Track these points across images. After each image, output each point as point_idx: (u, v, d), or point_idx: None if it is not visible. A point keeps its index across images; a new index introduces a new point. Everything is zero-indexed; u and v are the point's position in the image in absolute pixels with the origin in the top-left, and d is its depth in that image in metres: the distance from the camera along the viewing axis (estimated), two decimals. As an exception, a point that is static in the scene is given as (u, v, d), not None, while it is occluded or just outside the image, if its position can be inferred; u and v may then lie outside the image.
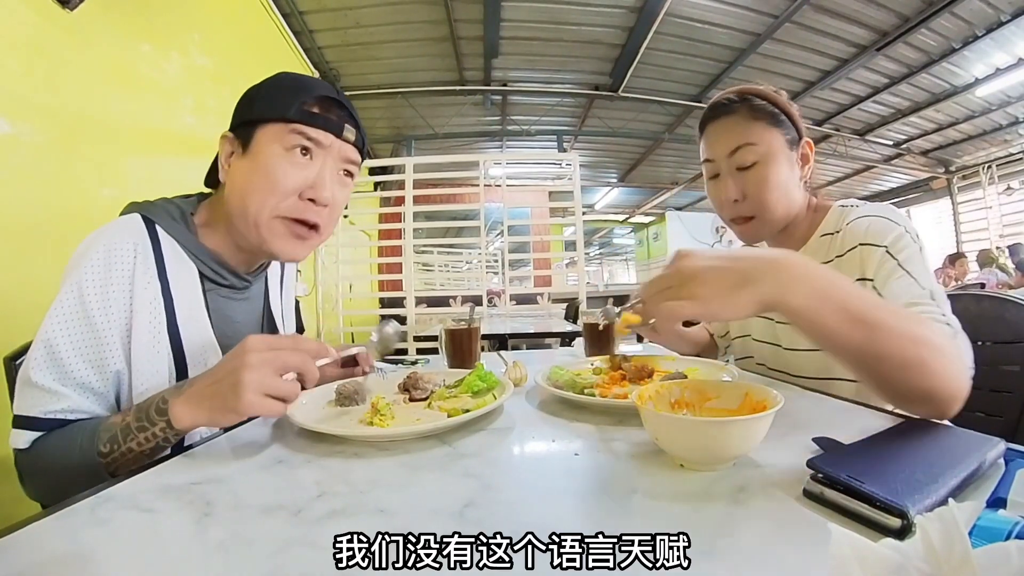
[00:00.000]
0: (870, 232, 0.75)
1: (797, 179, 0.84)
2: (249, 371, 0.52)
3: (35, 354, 0.61)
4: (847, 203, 0.84)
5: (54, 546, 0.36)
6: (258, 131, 0.70)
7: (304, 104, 0.69)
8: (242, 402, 0.52)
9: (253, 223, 0.70)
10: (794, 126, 0.84)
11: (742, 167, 0.82)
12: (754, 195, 0.82)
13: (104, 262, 0.64)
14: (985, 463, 0.39)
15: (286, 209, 0.70)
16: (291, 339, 0.58)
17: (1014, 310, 0.88)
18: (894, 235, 0.72)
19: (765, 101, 0.83)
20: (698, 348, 1.11)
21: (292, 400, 0.56)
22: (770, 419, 0.43)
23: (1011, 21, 4.05)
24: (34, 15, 1.52)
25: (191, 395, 0.55)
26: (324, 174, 0.71)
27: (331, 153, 0.72)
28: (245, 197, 0.70)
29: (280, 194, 0.69)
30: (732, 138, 0.82)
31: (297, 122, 0.69)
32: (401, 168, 3.32)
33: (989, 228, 7.58)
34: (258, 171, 0.69)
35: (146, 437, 0.55)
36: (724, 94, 0.86)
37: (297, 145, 0.69)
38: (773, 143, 0.81)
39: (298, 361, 0.56)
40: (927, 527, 0.23)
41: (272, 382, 0.53)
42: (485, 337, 2.53)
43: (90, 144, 1.72)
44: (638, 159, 7.84)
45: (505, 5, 3.88)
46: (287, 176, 0.69)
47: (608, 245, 15.52)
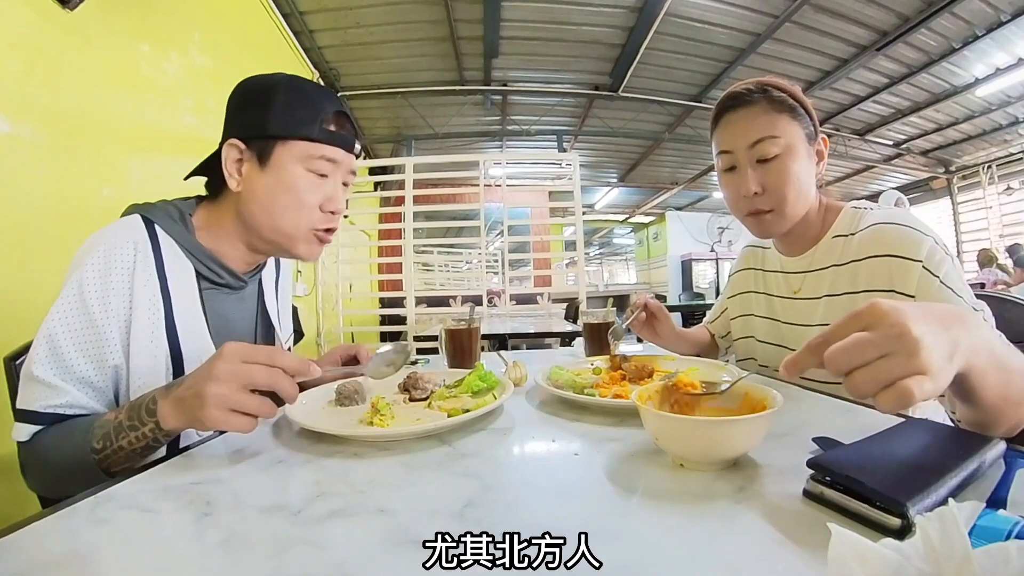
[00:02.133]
0: (901, 244, 0.72)
1: (813, 175, 0.83)
2: (213, 384, 0.50)
3: (37, 349, 0.62)
4: (859, 205, 0.83)
5: (54, 546, 0.36)
6: (278, 147, 0.71)
7: (324, 123, 0.72)
8: (205, 416, 0.50)
9: (288, 236, 0.75)
10: (811, 120, 0.82)
11: (763, 159, 0.79)
12: (774, 188, 0.79)
13: (105, 261, 0.66)
14: (985, 463, 0.39)
15: (315, 222, 0.76)
16: (269, 352, 0.54)
17: (1014, 310, 0.88)
18: (927, 249, 0.70)
19: (784, 93, 0.81)
20: (698, 348, 1.11)
21: (267, 415, 0.53)
22: (770, 419, 0.43)
23: (1011, 21, 4.05)
24: (34, 15, 1.52)
25: (174, 398, 0.54)
26: (338, 188, 0.77)
27: (341, 167, 0.76)
28: (274, 216, 0.73)
29: (308, 211, 0.74)
30: (753, 129, 0.79)
31: (320, 142, 0.72)
32: (401, 168, 3.32)
33: (989, 228, 7.58)
34: (284, 191, 0.72)
35: (136, 436, 0.55)
36: (742, 84, 0.83)
37: (317, 170, 0.73)
38: (794, 136, 0.79)
39: (265, 378, 0.52)
40: (927, 527, 0.23)
41: (237, 397, 0.51)
42: (485, 337, 2.53)
43: (90, 144, 1.72)
44: (638, 159, 7.84)
45: (505, 5, 3.87)
46: (312, 195, 0.74)
47: (608, 245, 15.51)
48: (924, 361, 0.36)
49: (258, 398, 0.52)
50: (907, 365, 0.36)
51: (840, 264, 0.80)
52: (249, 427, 0.52)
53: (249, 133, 0.72)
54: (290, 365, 0.54)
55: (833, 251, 0.82)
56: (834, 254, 0.81)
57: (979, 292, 0.99)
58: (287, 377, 0.54)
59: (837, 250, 0.81)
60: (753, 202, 0.81)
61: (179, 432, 0.58)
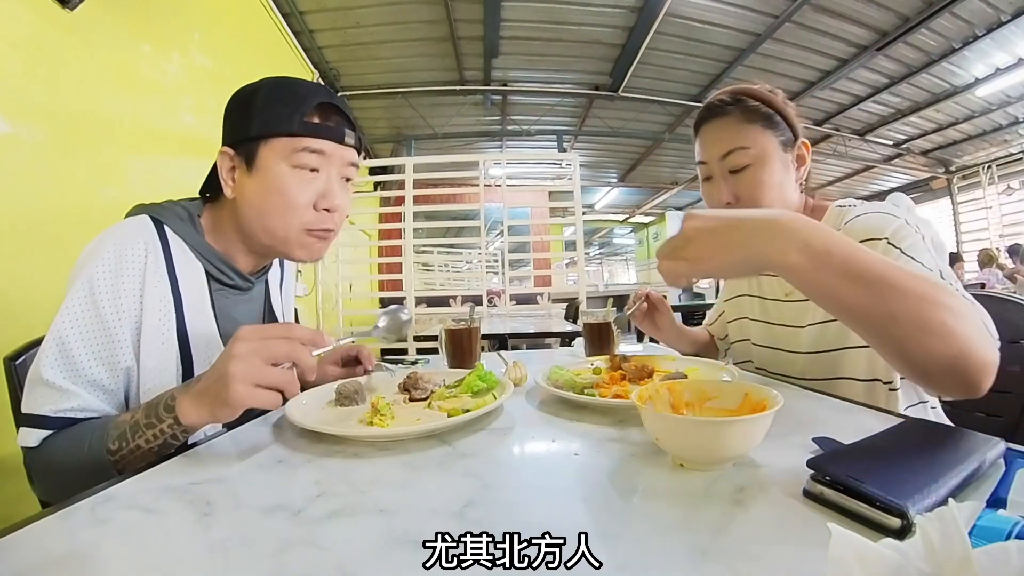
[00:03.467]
0: (868, 228, 0.73)
1: (792, 180, 0.83)
2: (236, 361, 0.51)
3: (47, 352, 0.61)
4: (845, 203, 0.83)
5: (54, 546, 0.36)
6: (261, 147, 0.69)
7: (304, 116, 0.69)
8: (232, 394, 0.50)
9: (281, 239, 0.72)
10: (789, 127, 0.83)
11: (735, 170, 0.81)
12: (747, 198, 0.81)
13: (115, 260, 0.65)
14: (985, 463, 0.39)
15: (308, 222, 0.72)
16: (283, 327, 0.56)
17: (1014, 310, 0.88)
18: (894, 227, 0.71)
19: (759, 102, 0.82)
20: (698, 347, 1.11)
21: (290, 390, 0.54)
22: (770, 419, 0.43)
23: (1011, 21, 4.05)
24: (34, 15, 1.52)
25: (195, 392, 0.54)
26: (332, 183, 0.72)
27: (334, 161, 0.72)
28: (264, 218, 0.71)
29: (299, 211, 0.71)
30: (725, 141, 0.82)
31: (300, 135, 0.69)
32: (401, 168, 3.32)
33: (989, 228, 7.59)
34: (271, 192, 0.70)
35: (154, 434, 0.55)
36: (718, 95, 0.85)
37: (303, 164, 0.70)
38: (767, 146, 0.81)
39: (287, 349, 0.54)
40: (927, 527, 0.23)
41: (262, 372, 0.52)
42: (485, 337, 2.53)
43: (90, 144, 1.73)
44: (638, 159, 7.84)
45: (505, 5, 3.88)
46: (300, 193, 0.70)
47: (608, 245, 15.52)
48: (689, 251, 0.52)
49: (282, 371, 0.53)
50: (679, 254, 0.53)
51: None
52: (276, 403, 0.53)
53: (236, 138, 0.71)
54: (305, 336, 0.56)
55: None
56: None
57: (979, 292, 0.99)
58: (304, 348, 0.55)
59: None
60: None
61: (197, 429, 0.57)
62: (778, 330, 0.89)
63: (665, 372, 0.80)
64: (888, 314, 0.48)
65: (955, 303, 0.49)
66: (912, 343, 0.48)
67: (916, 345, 0.48)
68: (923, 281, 0.49)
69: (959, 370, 0.48)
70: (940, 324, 0.47)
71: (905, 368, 0.52)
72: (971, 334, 0.48)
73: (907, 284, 0.48)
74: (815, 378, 0.81)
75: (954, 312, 0.48)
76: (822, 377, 0.79)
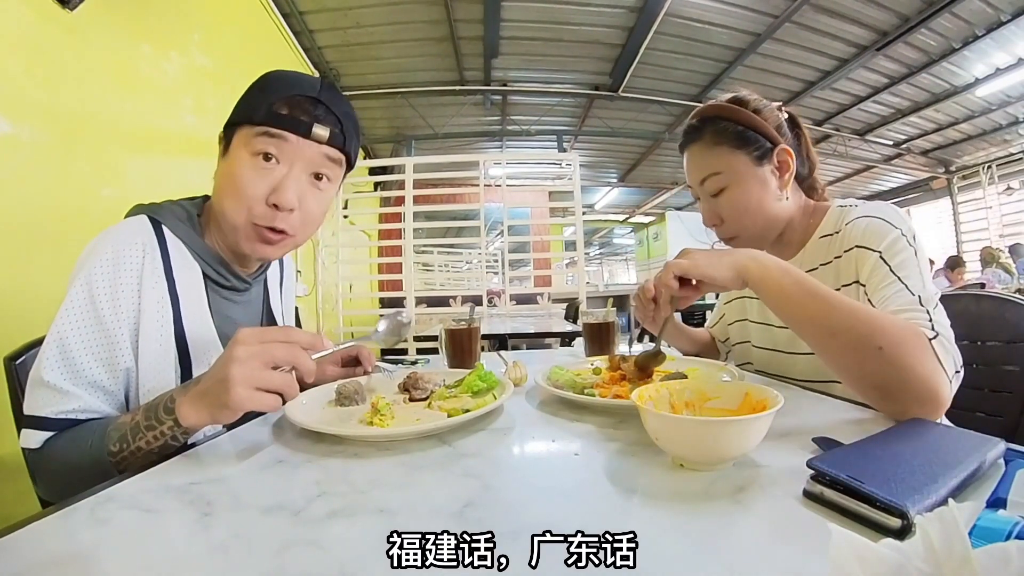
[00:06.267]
0: (866, 234, 0.73)
1: (774, 191, 0.82)
2: (237, 365, 0.51)
3: (47, 353, 0.61)
4: (846, 203, 0.83)
5: (54, 546, 0.36)
6: (235, 134, 0.70)
7: (273, 105, 0.67)
8: (232, 397, 0.50)
9: (231, 227, 0.70)
10: (764, 136, 0.81)
11: (714, 194, 0.84)
12: (730, 219, 0.84)
13: (113, 261, 0.65)
14: (985, 463, 0.39)
15: (257, 216, 0.69)
16: (282, 331, 0.56)
17: (1014, 310, 0.88)
18: (890, 239, 0.70)
19: (728, 121, 0.81)
20: (699, 347, 1.11)
21: (290, 393, 0.54)
22: (770, 419, 0.43)
23: (1011, 21, 4.05)
24: (34, 15, 1.52)
25: (194, 394, 0.54)
26: (288, 179, 0.68)
27: (299, 155, 0.69)
28: (221, 202, 0.70)
29: (247, 201, 0.68)
30: (700, 168, 0.85)
31: (261, 124, 0.67)
32: (401, 168, 3.32)
33: (989, 228, 7.58)
34: (229, 176, 0.69)
35: (154, 436, 0.55)
36: (691, 117, 0.87)
37: (261, 151, 0.68)
38: (737, 167, 0.81)
39: (286, 353, 0.53)
40: (927, 527, 0.23)
41: (261, 375, 0.51)
42: (485, 337, 2.53)
43: (90, 144, 1.72)
44: (638, 159, 7.84)
45: (505, 5, 3.87)
46: (251, 183, 0.68)
47: (608, 245, 15.51)
48: (687, 256, 0.68)
49: (282, 375, 0.53)
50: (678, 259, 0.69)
51: (826, 263, 0.80)
52: (276, 406, 0.53)
53: (224, 125, 0.72)
54: (304, 339, 0.56)
55: (820, 251, 0.82)
56: (821, 253, 0.82)
57: (978, 293, 0.99)
58: (304, 352, 0.55)
59: (824, 249, 0.82)
60: (719, 231, 0.88)
61: (197, 430, 0.57)
62: (778, 332, 0.89)
63: (665, 372, 0.80)
64: (829, 328, 0.58)
65: (899, 331, 0.56)
66: (847, 356, 0.56)
67: (851, 360, 0.56)
68: (868, 309, 0.59)
69: (895, 395, 0.55)
70: (873, 345, 0.54)
71: (848, 382, 0.60)
72: (910, 363, 0.54)
73: (850, 306, 0.57)
74: (815, 379, 0.80)
75: (892, 336, 0.55)
76: (822, 379, 0.79)
